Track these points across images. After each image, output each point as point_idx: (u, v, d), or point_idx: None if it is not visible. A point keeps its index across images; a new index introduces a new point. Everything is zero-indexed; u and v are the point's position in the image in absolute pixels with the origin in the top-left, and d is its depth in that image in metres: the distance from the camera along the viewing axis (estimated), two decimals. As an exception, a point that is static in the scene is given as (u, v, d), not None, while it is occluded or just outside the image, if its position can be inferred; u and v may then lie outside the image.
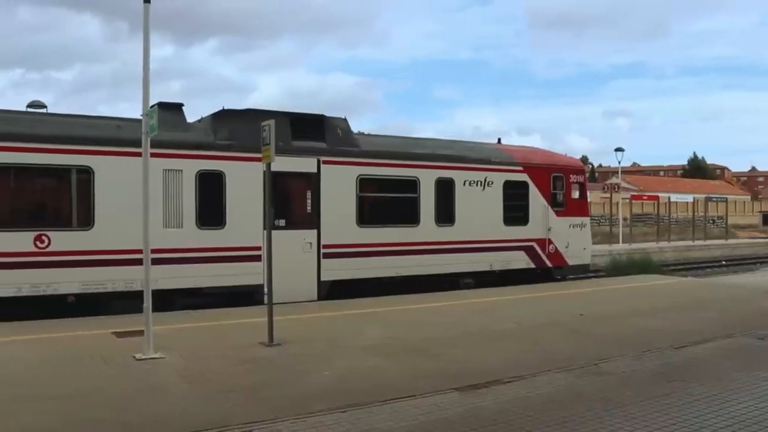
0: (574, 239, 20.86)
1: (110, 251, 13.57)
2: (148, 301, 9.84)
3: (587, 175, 27.79)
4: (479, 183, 18.83)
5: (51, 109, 23.17)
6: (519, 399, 8.06)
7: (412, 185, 17.74)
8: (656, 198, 50.79)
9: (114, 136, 13.92)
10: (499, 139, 21.86)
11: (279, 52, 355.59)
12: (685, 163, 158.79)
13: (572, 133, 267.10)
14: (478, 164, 18.94)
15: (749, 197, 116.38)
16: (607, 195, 48.22)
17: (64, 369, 9.16)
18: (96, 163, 13.70)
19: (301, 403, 7.67)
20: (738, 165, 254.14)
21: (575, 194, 21.20)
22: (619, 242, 41.04)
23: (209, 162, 14.85)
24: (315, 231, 15.96)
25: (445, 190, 18.25)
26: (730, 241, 49.30)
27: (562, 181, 20.74)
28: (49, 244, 13.22)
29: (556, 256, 20.38)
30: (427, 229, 17.86)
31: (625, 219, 46.06)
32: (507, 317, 13.65)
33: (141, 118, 10.19)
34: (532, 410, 7.58)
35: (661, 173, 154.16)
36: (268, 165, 11.14)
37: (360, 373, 9.18)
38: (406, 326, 12.65)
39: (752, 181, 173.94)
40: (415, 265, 17.45)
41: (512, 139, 40.48)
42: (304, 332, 11.86)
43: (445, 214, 18.25)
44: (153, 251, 10.18)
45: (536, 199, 20.03)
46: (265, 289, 11.62)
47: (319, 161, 16.14)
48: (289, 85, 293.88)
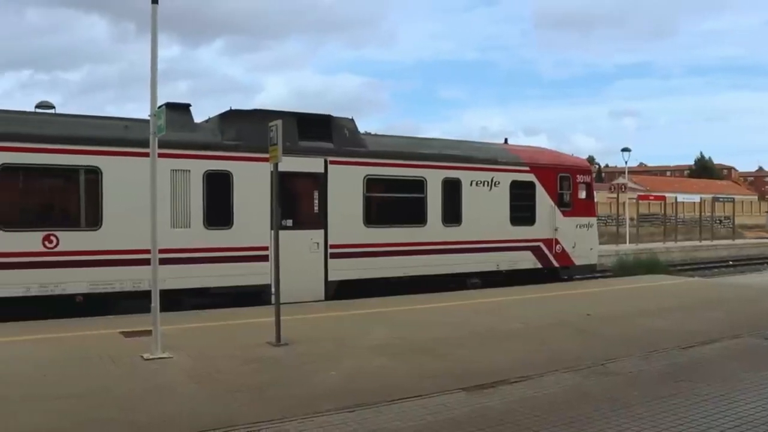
0: (580, 239, 20.85)
1: (118, 251, 13.62)
2: (155, 301, 9.86)
3: (594, 175, 27.73)
4: (486, 183, 18.83)
5: (59, 110, 23.23)
6: (526, 399, 8.06)
7: (419, 185, 17.74)
8: (663, 198, 50.66)
9: (122, 136, 13.96)
10: (506, 140, 21.86)
11: (286, 52, 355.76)
12: (692, 163, 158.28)
13: (579, 133, 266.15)
14: (485, 164, 18.95)
15: (756, 197, 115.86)
16: (614, 195, 48.11)
17: (72, 369, 9.18)
18: (104, 163, 13.74)
19: (308, 403, 7.68)
20: (745, 165, 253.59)
21: (582, 194, 21.21)
22: (625, 242, 40.97)
23: (217, 162, 14.89)
24: (322, 231, 15.99)
25: (452, 190, 18.27)
26: (737, 241, 49.18)
27: (569, 181, 20.73)
28: (57, 244, 13.27)
29: (562, 256, 20.38)
30: (434, 229, 17.87)
31: (631, 219, 46.00)
32: (514, 317, 13.65)
33: (149, 118, 10.21)
34: (539, 410, 7.58)
35: (668, 173, 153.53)
36: (276, 165, 11.14)
37: (367, 373, 9.18)
38: (413, 326, 12.66)
39: (759, 181, 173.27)
40: (422, 265, 17.46)
41: (519, 140, 40.53)
42: (311, 332, 11.87)
43: (452, 214, 18.26)
44: (161, 251, 10.18)
45: (543, 200, 20.02)
46: (273, 289, 11.62)
47: (326, 161, 16.17)
48: (296, 86, 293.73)
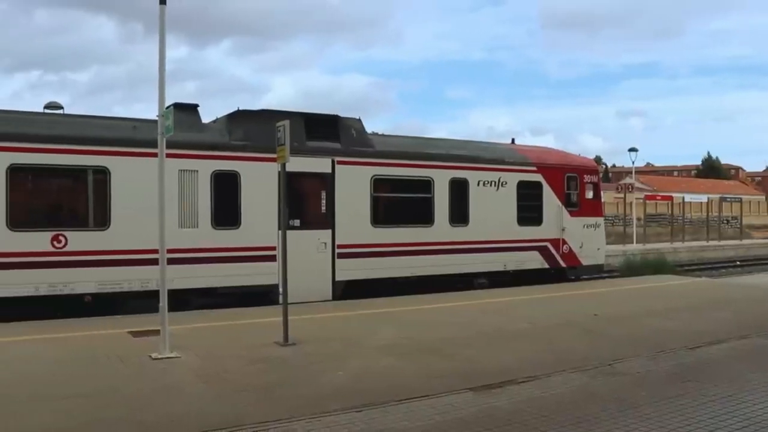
0: (588, 239, 20.83)
1: (126, 251, 13.66)
2: (163, 301, 9.88)
3: (601, 175, 27.70)
4: (493, 183, 18.83)
5: (67, 110, 23.32)
6: (533, 399, 8.06)
7: (427, 185, 17.75)
8: (670, 198, 50.57)
9: (130, 136, 14.00)
10: (513, 140, 21.90)
11: (293, 52, 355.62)
12: (699, 163, 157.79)
13: (585, 133, 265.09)
14: (492, 164, 18.95)
15: (764, 197, 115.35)
16: (621, 195, 48.07)
17: (80, 368, 9.21)
18: (112, 163, 13.78)
19: (316, 403, 7.69)
20: (752, 165, 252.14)
21: (589, 194, 21.18)
22: (633, 242, 40.90)
23: (224, 162, 14.92)
24: (329, 231, 16.01)
25: (459, 191, 18.26)
26: (745, 241, 49.05)
27: (576, 182, 20.71)
28: (66, 244, 13.32)
29: (570, 256, 20.36)
30: (441, 229, 17.87)
31: (638, 219, 45.91)
32: (521, 317, 13.64)
33: (157, 118, 10.22)
34: (547, 410, 7.58)
35: (675, 173, 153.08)
36: (283, 165, 11.16)
37: (375, 373, 9.19)
38: (421, 326, 12.67)
39: (767, 181, 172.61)
40: (430, 265, 17.46)
41: (526, 140, 40.48)
42: (318, 332, 11.89)
43: (459, 214, 18.26)
44: (168, 251, 10.18)
45: (550, 200, 20.01)
46: (280, 289, 11.63)
47: (333, 161, 16.18)
48: (303, 86, 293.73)
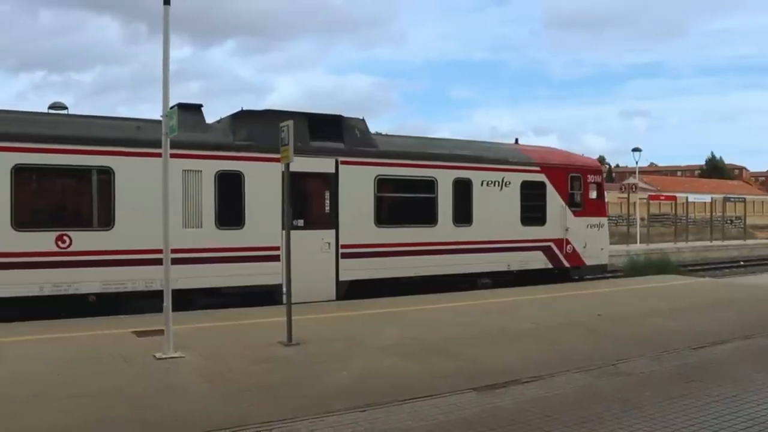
0: (591, 239, 20.82)
1: (130, 251, 13.68)
2: (167, 301, 9.89)
3: (604, 175, 27.68)
4: (497, 183, 18.83)
5: (72, 111, 23.36)
6: (537, 399, 8.07)
7: (430, 185, 17.75)
8: (674, 198, 50.54)
9: (134, 136, 14.02)
10: (517, 140, 21.85)
11: (296, 52, 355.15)
12: (703, 163, 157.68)
13: (589, 133, 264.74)
14: (495, 164, 18.94)
15: (767, 197, 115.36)
16: (625, 195, 47.99)
17: (84, 368, 9.23)
18: (116, 163, 13.80)
19: (319, 403, 7.70)
20: (756, 165, 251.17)
21: (593, 194, 21.18)
22: (636, 242, 40.89)
23: (228, 162, 14.94)
24: (333, 231, 16.02)
25: (462, 191, 18.26)
26: (749, 241, 48.96)
27: (580, 182, 20.70)
28: (70, 244, 13.34)
29: (573, 256, 20.35)
30: (445, 229, 17.87)
31: (642, 219, 45.91)
32: (525, 317, 13.64)
33: (161, 119, 10.24)
34: (551, 410, 7.59)
35: (679, 173, 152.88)
36: (287, 165, 11.16)
37: (378, 373, 9.19)
38: (424, 326, 12.67)
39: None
40: (433, 265, 17.47)
41: (529, 140, 40.46)
42: (322, 332, 11.89)
43: (463, 214, 18.26)
44: (172, 251, 10.22)
45: (554, 200, 20.00)
46: (284, 289, 11.66)
47: (337, 161, 16.19)
48: (307, 86, 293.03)
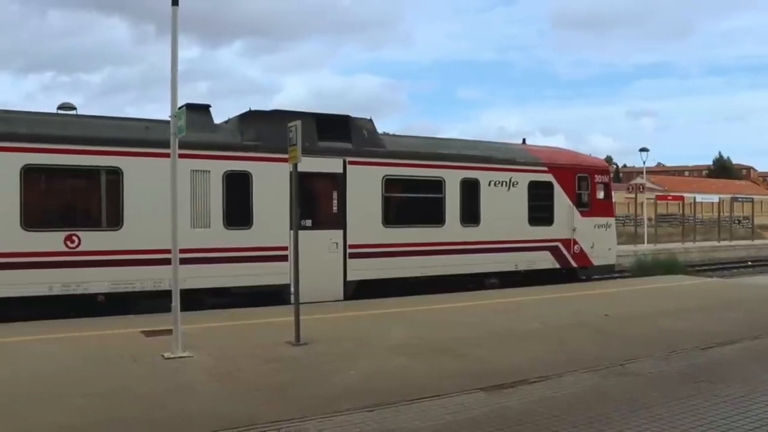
0: (599, 239, 20.80)
1: (139, 251, 13.72)
2: (176, 301, 9.92)
3: (612, 175, 27.65)
4: (504, 183, 18.82)
5: (80, 111, 23.37)
6: (545, 399, 8.07)
7: (438, 185, 17.76)
8: (681, 198, 50.40)
9: (142, 137, 14.06)
10: (524, 140, 21.85)
11: (304, 53, 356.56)
12: (711, 163, 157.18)
13: (596, 133, 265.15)
14: (503, 164, 18.94)
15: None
16: (632, 195, 47.90)
17: (93, 368, 9.26)
18: (125, 164, 13.85)
19: (327, 402, 7.72)
20: (764, 165, 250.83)
21: (600, 194, 21.15)
22: (644, 242, 40.76)
23: (236, 162, 14.97)
24: (341, 231, 16.04)
25: (470, 191, 18.27)
26: (757, 241, 48.77)
27: (587, 182, 20.69)
28: (79, 243, 13.39)
29: (581, 256, 20.34)
30: (453, 229, 17.88)
31: (649, 219, 45.75)
32: (532, 317, 13.63)
33: (169, 119, 10.26)
34: (558, 410, 7.59)
35: (686, 173, 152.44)
36: (295, 165, 11.17)
37: (386, 373, 9.20)
38: (432, 326, 12.68)
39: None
40: (441, 265, 17.48)
41: (536, 140, 40.35)
42: (330, 332, 11.91)
43: (471, 214, 18.26)
44: (181, 251, 10.24)
45: (561, 200, 20.00)
46: (292, 289, 11.67)
47: (345, 162, 16.22)
48: (315, 86, 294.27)
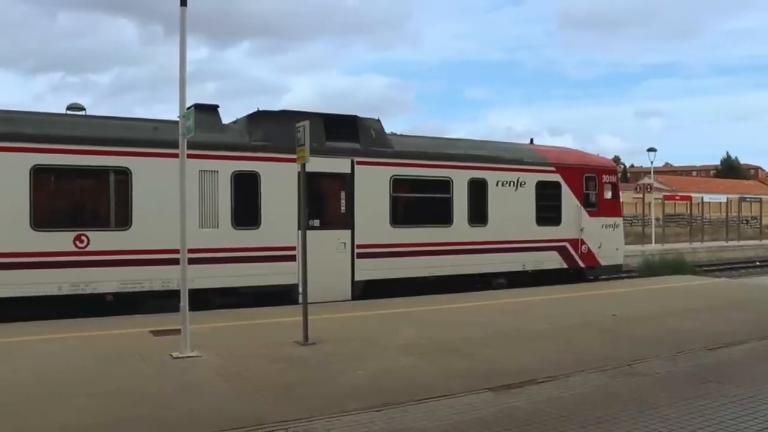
0: (606, 239, 20.78)
1: (147, 251, 13.77)
2: (184, 300, 9.94)
3: (619, 175, 27.60)
4: (512, 183, 18.82)
5: (89, 112, 23.41)
6: (553, 399, 8.07)
7: (445, 185, 17.77)
8: (689, 198, 50.24)
9: (151, 137, 14.11)
10: (532, 140, 21.84)
11: (312, 53, 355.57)
12: (718, 163, 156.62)
13: (604, 133, 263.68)
14: (510, 165, 18.94)
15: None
16: (640, 195, 47.77)
17: (102, 367, 9.29)
18: (133, 164, 13.89)
19: (335, 402, 7.73)
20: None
21: (608, 194, 21.12)
22: (651, 243, 40.67)
23: (244, 163, 15.01)
24: (349, 231, 16.07)
25: (478, 191, 18.27)
26: (765, 241, 48.54)
27: (595, 182, 20.67)
28: (88, 243, 13.44)
29: (588, 256, 20.32)
30: (460, 229, 17.88)
31: (657, 219, 45.65)
32: (540, 317, 13.63)
33: (177, 119, 10.29)
34: (566, 410, 7.59)
35: (694, 173, 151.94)
36: (303, 165, 11.19)
37: (394, 373, 9.21)
38: (439, 326, 12.68)
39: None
40: (448, 265, 17.48)
41: (544, 140, 40.26)
42: (338, 332, 11.92)
43: (478, 214, 18.26)
44: (189, 251, 10.26)
45: (569, 200, 19.98)
46: (300, 289, 11.69)
47: (352, 162, 16.24)
48: (322, 87, 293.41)
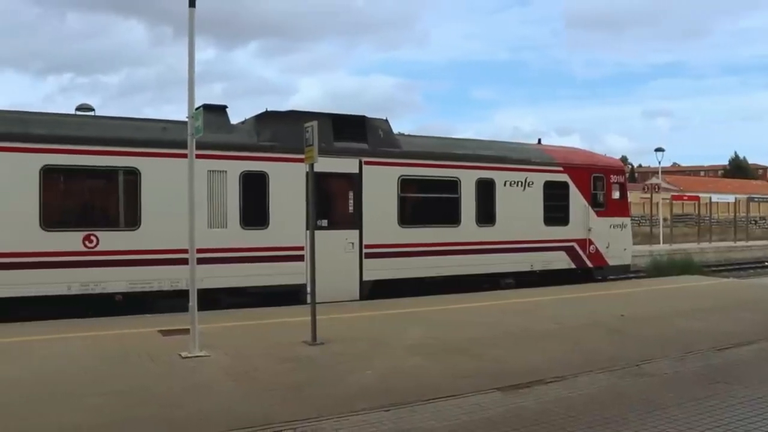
0: (614, 239, 20.76)
1: (156, 251, 13.81)
2: (193, 300, 9.97)
3: (627, 175, 27.56)
4: (520, 183, 18.82)
5: (98, 112, 23.47)
6: (561, 399, 8.06)
7: (453, 186, 17.78)
8: (697, 198, 50.13)
9: (160, 137, 14.17)
10: (540, 140, 21.83)
11: (319, 54, 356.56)
12: (726, 163, 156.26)
13: (611, 133, 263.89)
14: (518, 165, 18.94)
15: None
16: (647, 195, 47.68)
17: (111, 367, 9.32)
18: (142, 164, 13.94)
19: (344, 402, 7.74)
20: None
21: (615, 194, 21.09)
22: (659, 243, 40.55)
23: (253, 163, 15.04)
24: (357, 231, 16.10)
25: (485, 191, 18.27)
26: (773, 241, 48.46)
27: (603, 182, 20.65)
28: (97, 243, 13.50)
29: (596, 256, 20.30)
30: (468, 229, 17.89)
31: (665, 219, 45.55)
32: (548, 317, 13.61)
33: (186, 120, 10.31)
34: (574, 411, 7.59)
35: (702, 173, 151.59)
36: (311, 166, 11.20)
37: (402, 373, 9.22)
38: (447, 326, 12.69)
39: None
40: (456, 265, 17.49)
41: (551, 140, 40.24)
42: (346, 331, 11.94)
43: (486, 214, 18.26)
44: (198, 251, 10.27)
45: (576, 200, 19.97)
46: (308, 289, 11.70)
47: (360, 162, 16.26)
48: (330, 87, 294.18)
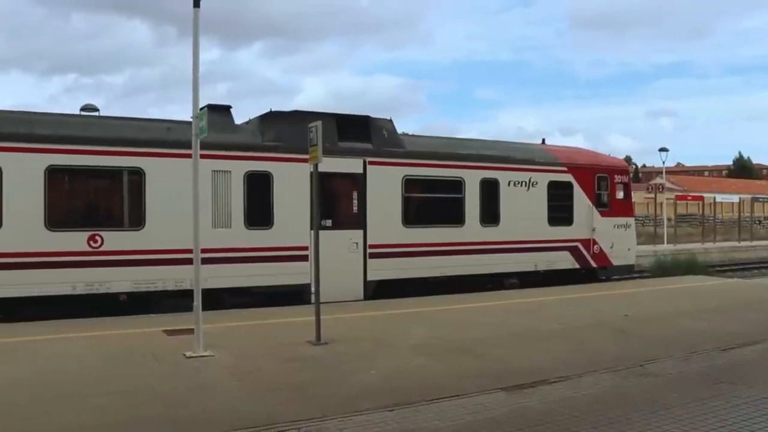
0: (618, 239, 20.75)
1: (161, 251, 13.83)
2: (197, 300, 9.99)
3: (631, 175, 27.54)
4: (524, 183, 18.81)
5: (103, 113, 23.49)
6: (565, 399, 8.06)
7: (457, 186, 17.77)
8: (701, 198, 50.05)
9: (164, 138, 14.18)
10: (544, 140, 21.83)
11: (323, 54, 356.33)
12: (731, 162, 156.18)
13: (615, 133, 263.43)
14: (522, 165, 18.94)
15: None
16: (651, 195, 47.60)
17: (116, 366, 9.34)
18: (147, 164, 13.97)
19: (348, 402, 7.75)
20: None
21: (620, 194, 21.11)
22: (663, 243, 40.49)
23: (257, 163, 15.06)
24: (361, 231, 16.10)
25: (489, 191, 18.27)
26: (778, 241, 48.38)
27: (607, 182, 20.64)
28: (102, 243, 13.52)
29: (600, 256, 20.29)
30: (472, 229, 17.89)
31: (669, 219, 45.49)
32: (552, 317, 13.61)
33: (190, 120, 10.34)
34: (578, 411, 7.59)
35: (706, 173, 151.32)
36: (316, 166, 11.21)
37: (406, 373, 9.22)
38: (451, 326, 12.69)
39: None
40: (460, 265, 17.49)
41: (555, 140, 40.15)
42: (350, 331, 11.94)
43: (490, 214, 18.26)
44: (202, 251, 10.29)
45: (581, 200, 19.96)
46: (313, 289, 11.73)
47: (365, 162, 16.27)
48: (334, 87, 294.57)
